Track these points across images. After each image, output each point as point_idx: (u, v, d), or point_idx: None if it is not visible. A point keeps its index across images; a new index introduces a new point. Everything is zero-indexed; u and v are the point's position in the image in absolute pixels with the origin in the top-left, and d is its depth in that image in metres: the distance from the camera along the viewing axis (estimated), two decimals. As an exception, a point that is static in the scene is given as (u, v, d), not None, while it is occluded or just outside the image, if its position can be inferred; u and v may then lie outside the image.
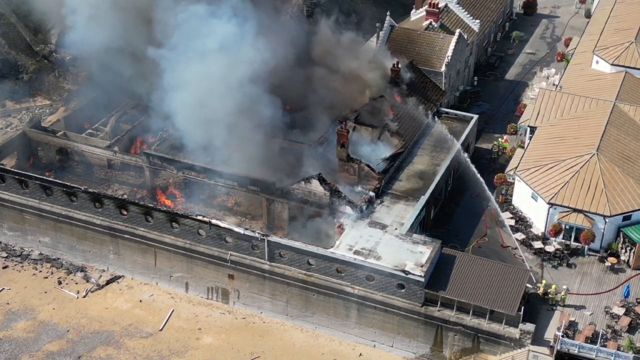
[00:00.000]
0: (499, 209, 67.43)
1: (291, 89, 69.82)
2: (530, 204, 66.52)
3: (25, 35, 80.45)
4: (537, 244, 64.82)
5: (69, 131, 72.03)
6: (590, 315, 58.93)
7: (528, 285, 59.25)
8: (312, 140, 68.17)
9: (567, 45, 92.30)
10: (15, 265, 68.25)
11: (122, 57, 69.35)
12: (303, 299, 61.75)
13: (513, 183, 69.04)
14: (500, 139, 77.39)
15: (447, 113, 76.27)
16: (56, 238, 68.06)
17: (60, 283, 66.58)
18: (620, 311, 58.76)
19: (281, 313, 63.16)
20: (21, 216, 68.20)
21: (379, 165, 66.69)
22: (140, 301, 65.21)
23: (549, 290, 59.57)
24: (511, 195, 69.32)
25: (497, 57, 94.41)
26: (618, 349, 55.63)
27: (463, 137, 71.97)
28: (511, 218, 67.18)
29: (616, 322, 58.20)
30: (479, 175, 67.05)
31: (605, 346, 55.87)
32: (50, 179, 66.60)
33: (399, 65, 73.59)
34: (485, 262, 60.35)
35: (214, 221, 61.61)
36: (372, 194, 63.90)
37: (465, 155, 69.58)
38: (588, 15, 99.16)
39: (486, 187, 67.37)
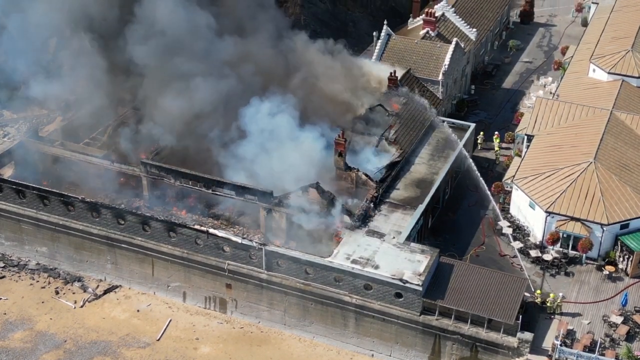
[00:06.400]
0: (498, 211, 67.54)
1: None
2: (528, 212, 66.50)
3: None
4: (535, 253, 64.81)
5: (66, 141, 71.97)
6: (588, 323, 58.85)
7: (526, 294, 59.23)
8: None
9: (563, 53, 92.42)
10: (12, 275, 68.09)
11: None
12: (301, 308, 61.62)
13: (510, 191, 69.08)
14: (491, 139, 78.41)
15: (444, 122, 76.28)
16: (53, 248, 67.91)
17: (57, 293, 66.43)
18: (618, 320, 58.69)
19: (279, 322, 63.01)
20: (18, 226, 68.07)
21: (376, 174, 66.67)
22: (138, 311, 65.07)
23: (547, 299, 59.54)
24: (509, 204, 69.34)
25: (494, 66, 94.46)
26: (616, 358, 55.58)
27: (460, 145, 71.95)
28: (509, 227, 67.15)
29: (614, 330, 58.13)
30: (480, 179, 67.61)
31: (603, 355, 55.78)
32: (47, 188, 66.50)
33: (396, 74, 73.77)
34: (483, 270, 60.33)
35: (211, 230, 61.56)
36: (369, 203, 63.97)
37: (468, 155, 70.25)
38: (585, 23, 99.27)
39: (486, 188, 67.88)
